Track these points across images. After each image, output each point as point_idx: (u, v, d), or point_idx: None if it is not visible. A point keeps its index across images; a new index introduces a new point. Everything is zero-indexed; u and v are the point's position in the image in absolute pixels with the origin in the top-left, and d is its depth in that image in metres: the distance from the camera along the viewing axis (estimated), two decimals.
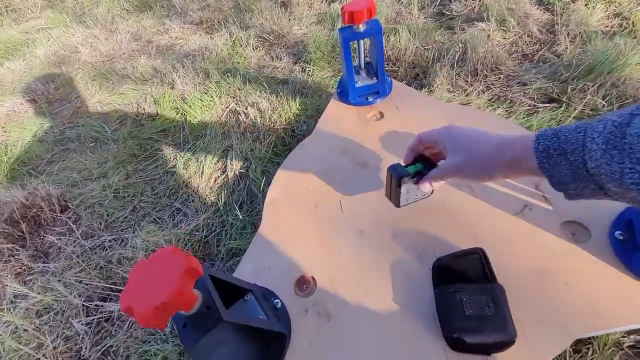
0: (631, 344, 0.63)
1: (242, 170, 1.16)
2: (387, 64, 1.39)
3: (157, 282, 0.39)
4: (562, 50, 1.27)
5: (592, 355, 0.62)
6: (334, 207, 0.80)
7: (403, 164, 0.68)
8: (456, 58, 1.27)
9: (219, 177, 1.18)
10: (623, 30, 1.26)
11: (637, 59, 1.04)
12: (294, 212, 0.82)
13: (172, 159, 1.32)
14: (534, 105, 1.10)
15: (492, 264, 0.61)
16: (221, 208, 1.07)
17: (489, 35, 1.38)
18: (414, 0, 1.66)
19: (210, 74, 1.60)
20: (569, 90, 1.09)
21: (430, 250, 0.68)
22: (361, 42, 0.96)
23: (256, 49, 1.75)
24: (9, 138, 1.59)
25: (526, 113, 1.07)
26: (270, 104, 1.30)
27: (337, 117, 1.02)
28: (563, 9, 1.41)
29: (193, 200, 1.12)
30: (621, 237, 0.61)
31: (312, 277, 0.70)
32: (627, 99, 1.03)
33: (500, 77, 1.22)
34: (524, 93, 1.15)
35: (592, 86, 1.06)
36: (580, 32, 1.29)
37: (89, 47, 2.09)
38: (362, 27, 0.89)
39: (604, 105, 1.02)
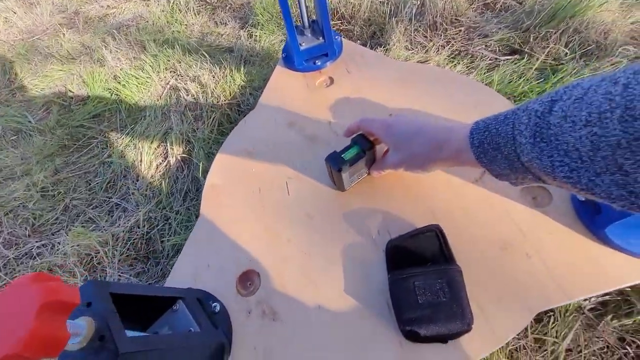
0: (592, 306, 0.60)
1: (184, 155, 1.03)
2: (341, 23, 1.26)
3: (4, 327, 0.29)
4: None
5: (553, 323, 0.59)
6: (280, 190, 0.71)
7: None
8: (414, 11, 1.16)
9: (160, 164, 1.06)
10: None
11: (600, 0, 0.97)
12: (236, 199, 0.73)
13: (108, 148, 1.17)
14: (496, 59, 1.02)
15: (450, 241, 0.55)
16: (163, 200, 0.96)
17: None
18: None
19: (147, 47, 1.41)
20: (531, 40, 1.01)
21: (385, 230, 0.61)
22: None
23: (198, 14, 1.56)
24: None
25: (487, 68, 0.99)
26: (213, 76, 1.16)
27: (282, 86, 0.91)
28: None
29: (133, 193, 1.00)
30: (583, 199, 0.56)
31: (256, 272, 0.62)
32: (589, 45, 0.96)
33: (460, 30, 1.12)
34: (486, 46, 1.07)
35: (554, 33, 0.99)
36: None
37: (2, 22, 1.80)
38: None
39: (566, 53, 0.96)
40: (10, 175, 1.13)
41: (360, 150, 0.63)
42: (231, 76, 1.13)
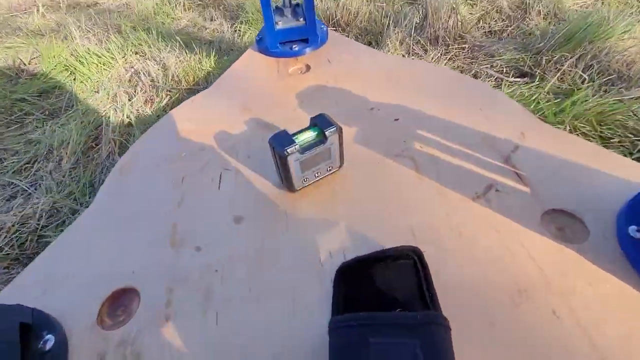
0: None
1: (121, 139, 0.85)
2: (335, 29, 1.14)
3: None
4: (533, 27, 1.08)
5: None
6: (209, 183, 0.52)
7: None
8: (414, 24, 1.05)
9: (91, 148, 0.86)
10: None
11: (623, 27, 0.85)
12: (146, 188, 0.53)
13: (43, 126, 0.98)
14: (502, 79, 0.88)
15: (433, 276, 0.35)
16: (78, 190, 0.75)
17: (453, 8, 1.16)
18: None
19: (122, 30, 1.28)
20: (543, 62, 0.88)
21: (340, 252, 0.41)
22: None
23: (188, 9, 1.46)
24: None
25: (493, 87, 0.84)
26: (180, 61, 1.01)
27: (247, 69, 0.75)
28: None
29: (46, 178, 0.79)
30: (639, 235, 0.37)
31: (137, 292, 0.40)
32: (610, 74, 0.83)
33: (464, 48, 1.00)
34: (491, 66, 0.94)
35: (570, 58, 0.86)
36: (553, 9, 1.11)
37: None
38: None
39: (584, 79, 0.82)
40: None
41: (320, 134, 0.45)
42: (199, 62, 0.98)
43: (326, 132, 0.44)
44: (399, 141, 0.54)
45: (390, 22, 1.08)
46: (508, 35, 1.10)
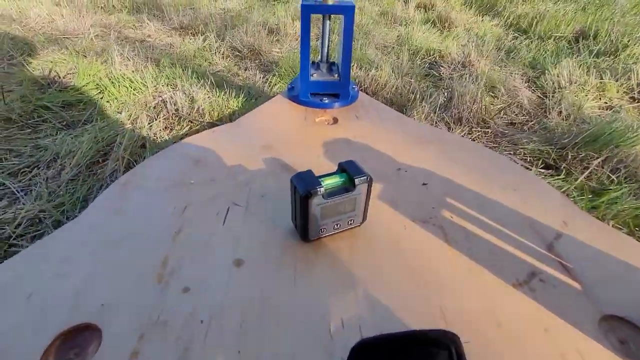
0: None
1: (131, 159, 0.81)
2: None
3: None
4: (553, 125, 1.11)
5: None
6: (214, 216, 0.46)
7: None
8: (439, 102, 1.08)
9: (97, 163, 0.83)
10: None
11: None
12: (141, 212, 0.47)
13: (56, 135, 0.96)
14: (527, 168, 0.87)
15: None
16: (69, 202, 0.70)
17: (475, 100, 1.21)
18: (404, 57, 1.56)
19: (160, 64, 1.35)
20: (569, 158, 0.88)
21: (354, 324, 0.34)
22: (327, 23, 0.74)
23: (226, 58, 1.55)
24: None
25: None
26: (208, 97, 1.03)
27: (275, 111, 0.75)
28: (553, 92, 1.31)
29: (39, 184, 0.74)
30: None
31: (98, 330, 0.32)
32: (638, 180, 0.81)
33: (487, 132, 1.02)
34: (514, 153, 0.94)
35: (596, 158, 0.86)
36: (573, 113, 1.16)
37: (48, 21, 1.84)
38: (330, 0, 0.67)
39: (612, 180, 0.80)
40: None
41: (348, 181, 0.41)
42: (227, 100, 1.00)
43: (355, 180, 0.40)
44: (427, 207, 0.49)
45: (417, 97, 1.12)
46: (529, 129, 1.12)
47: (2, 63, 1.37)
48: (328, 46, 0.77)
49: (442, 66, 1.52)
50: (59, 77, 1.24)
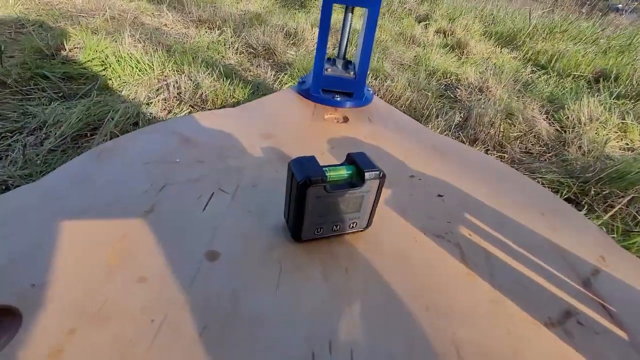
0: None
1: (119, 135, 0.75)
2: None
3: None
4: (573, 159, 1.05)
5: None
6: (194, 200, 0.40)
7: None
8: (455, 121, 1.03)
9: (84, 136, 0.77)
10: None
11: None
12: (116, 185, 0.41)
13: (48, 105, 0.91)
14: None
15: None
16: (40, 172, 0.63)
17: (493, 123, 1.16)
18: (421, 75, 1.52)
19: (172, 50, 1.31)
20: (591, 193, 0.81)
21: (345, 344, 0.26)
22: (349, 16, 0.69)
23: (240, 53, 1.51)
24: None
25: None
26: (214, 85, 0.97)
27: (281, 103, 0.69)
28: (573, 127, 1.26)
29: (18, 150, 0.68)
30: None
31: (20, 316, 0.25)
32: None
33: (504, 157, 0.96)
34: None
35: (621, 197, 0.79)
36: (594, 149, 1.10)
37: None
38: None
39: (638, 222, 0.74)
40: None
41: (356, 175, 0.34)
42: (233, 91, 0.94)
43: (366, 174, 0.33)
44: (442, 221, 0.43)
45: (432, 112, 1.07)
46: (547, 160, 1.06)
47: (10, 30, 1.33)
48: (347, 42, 0.72)
49: (458, 88, 1.48)
50: (65, 49, 1.20)
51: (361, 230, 0.38)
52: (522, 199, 0.49)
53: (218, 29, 1.73)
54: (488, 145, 0.98)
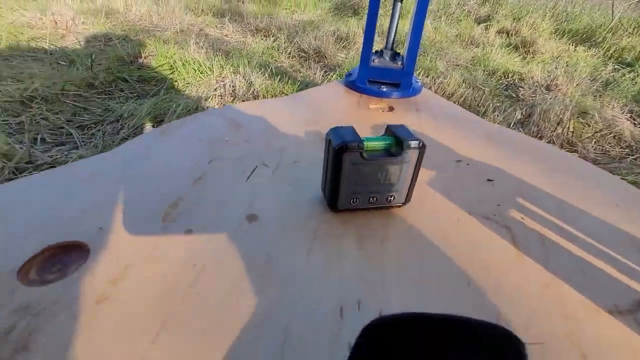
0: None
1: None
2: None
3: None
4: None
5: None
6: (239, 173, 0.42)
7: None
8: (515, 117, 0.95)
9: (152, 127, 0.86)
10: None
11: None
12: (171, 157, 0.45)
13: (125, 102, 1.03)
14: None
15: None
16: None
17: (561, 120, 1.05)
18: (478, 73, 1.44)
19: (230, 55, 1.41)
20: None
21: (374, 307, 0.26)
22: (398, 6, 0.69)
23: (292, 57, 1.58)
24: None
25: None
26: (265, 83, 1.03)
27: (327, 93, 0.70)
28: None
29: (98, 138, 0.78)
30: None
31: (88, 251, 0.29)
32: None
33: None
34: None
35: None
36: None
37: (145, 14, 2.08)
38: None
39: None
40: (18, 78, 1.03)
41: (395, 144, 0.34)
42: (282, 86, 0.99)
43: (405, 143, 0.32)
44: (491, 203, 0.40)
45: (489, 108, 1.01)
46: (629, 162, 0.93)
47: (100, 42, 1.55)
48: (395, 33, 0.72)
49: (521, 87, 1.37)
50: (141, 57, 1.36)
51: (399, 206, 0.37)
52: (592, 189, 0.44)
53: (273, 37, 1.82)
54: (554, 143, 0.89)
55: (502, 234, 0.35)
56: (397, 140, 0.33)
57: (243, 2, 2.81)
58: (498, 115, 0.96)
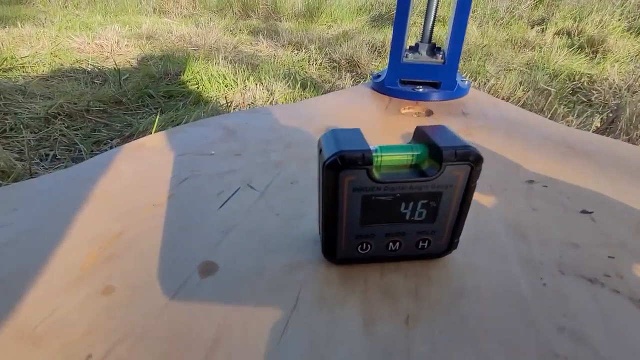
0: None
1: None
2: None
3: None
4: None
5: None
6: (213, 196, 0.31)
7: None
8: (593, 125, 0.76)
9: None
10: None
11: None
12: (134, 176, 0.35)
13: (146, 117, 1.00)
14: None
15: None
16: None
17: None
18: (537, 75, 1.24)
19: (258, 69, 1.36)
20: None
21: None
22: None
23: (323, 68, 1.49)
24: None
25: None
26: (286, 92, 0.94)
27: (349, 97, 0.58)
28: None
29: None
30: None
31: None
32: None
33: None
34: None
35: None
36: None
37: (186, 36, 2.15)
38: None
39: None
40: (49, 95, 1.04)
41: (428, 156, 0.20)
42: (305, 94, 0.89)
43: (445, 154, 0.19)
44: (596, 253, 0.24)
45: (556, 116, 0.82)
46: None
47: (136, 62, 1.59)
48: (434, 21, 0.58)
49: (593, 90, 1.14)
50: (171, 74, 1.36)
51: (438, 256, 0.23)
52: None
53: (304, 49, 1.76)
54: None
55: (625, 308, 0.20)
56: (433, 149, 0.20)
57: (280, 21, 2.84)
58: (569, 122, 0.77)
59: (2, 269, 0.23)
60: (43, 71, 1.34)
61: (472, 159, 0.19)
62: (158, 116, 0.90)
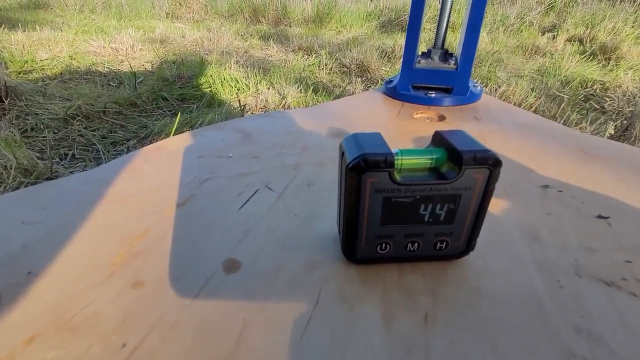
0: None
1: None
2: None
3: None
4: None
5: None
6: (234, 196, 0.32)
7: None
8: (607, 132, 0.75)
9: None
10: None
11: None
12: (161, 180, 0.37)
13: (160, 119, 1.02)
14: None
15: None
16: None
17: None
18: (549, 80, 1.23)
19: (269, 72, 1.38)
20: None
21: None
22: None
23: (333, 73, 1.51)
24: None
25: None
26: (298, 95, 0.95)
27: (362, 103, 0.59)
28: None
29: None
30: None
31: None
32: None
33: None
34: None
35: None
36: None
37: (198, 40, 2.19)
38: None
39: None
40: (68, 97, 1.07)
41: (447, 160, 0.21)
42: (316, 98, 0.90)
43: (464, 157, 0.20)
44: (613, 257, 0.25)
45: (568, 123, 0.82)
46: None
47: (150, 66, 1.63)
48: (447, 27, 0.59)
49: (607, 97, 1.13)
50: (184, 77, 1.38)
51: (456, 257, 0.24)
52: None
53: (315, 54, 1.78)
54: None
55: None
56: (452, 153, 0.21)
57: (290, 26, 2.87)
58: (583, 129, 0.77)
59: (37, 264, 0.24)
60: (61, 73, 1.38)
61: (491, 163, 0.20)
62: (178, 117, 0.92)
